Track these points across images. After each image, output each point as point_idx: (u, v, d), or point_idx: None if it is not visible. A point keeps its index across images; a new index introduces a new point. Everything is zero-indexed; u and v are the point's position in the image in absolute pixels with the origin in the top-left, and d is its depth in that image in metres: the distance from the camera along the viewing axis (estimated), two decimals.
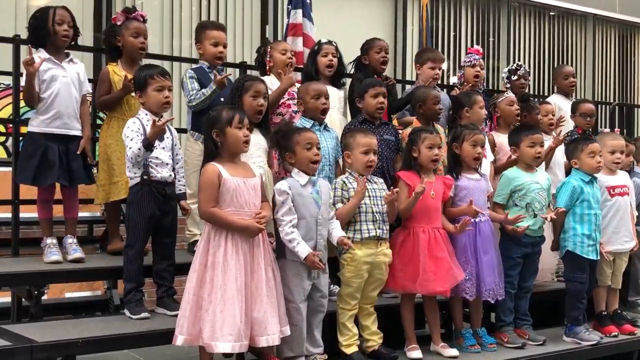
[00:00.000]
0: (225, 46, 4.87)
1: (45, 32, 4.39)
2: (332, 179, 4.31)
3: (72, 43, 4.55)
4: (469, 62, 5.89)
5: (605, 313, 5.11)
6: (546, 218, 4.69)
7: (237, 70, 6.00)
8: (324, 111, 4.53)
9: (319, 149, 3.93)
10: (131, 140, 3.99)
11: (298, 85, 4.89)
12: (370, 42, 5.41)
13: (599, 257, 4.90)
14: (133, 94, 4.45)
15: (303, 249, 3.75)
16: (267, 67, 4.90)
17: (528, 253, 4.72)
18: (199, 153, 4.65)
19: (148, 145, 3.96)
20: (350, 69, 5.45)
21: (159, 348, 4.37)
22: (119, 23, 4.68)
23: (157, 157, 4.07)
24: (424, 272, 4.17)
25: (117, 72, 4.66)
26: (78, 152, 4.44)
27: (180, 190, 4.25)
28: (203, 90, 4.60)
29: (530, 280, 4.81)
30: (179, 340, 3.59)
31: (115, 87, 4.64)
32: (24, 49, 4.48)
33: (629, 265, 5.41)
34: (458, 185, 4.50)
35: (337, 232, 3.95)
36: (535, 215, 4.67)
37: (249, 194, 3.66)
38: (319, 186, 3.93)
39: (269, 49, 4.96)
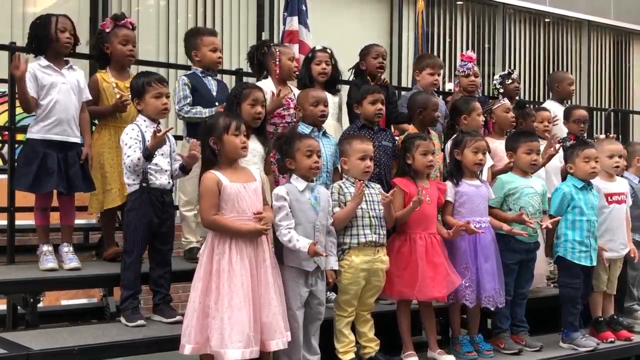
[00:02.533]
0: (221, 51, 4.88)
1: (47, 40, 4.37)
2: (329, 185, 4.30)
3: (70, 51, 4.54)
4: (462, 72, 5.92)
5: (602, 319, 5.11)
6: (542, 226, 4.69)
7: (233, 77, 6.00)
8: (323, 118, 4.54)
9: (319, 156, 3.93)
10: (129, 147, 3.98)
11: (296, 90, 4.90)
12: (369, 47, 5.44)
13: (594, 264, 4.89)
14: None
15: (303, 243, 3.73)
16: (277, 72, 4.87)
17: (523, 259, 4.72)
18: None
19: (148, 155, 3.95)
20: (349, 76, 5.47)
21: (156, 355, 4.35)
22: (107, 30, 4.67)
23: (156, 164, 4.06)
24: (423, 279, 4.17)
25: (106, 80, 4.66)
26: (82, 160, 4.41)
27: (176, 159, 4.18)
28: (201, 109, 4.59)
29: (527, 287, 4.81)
30: (187, 349, 3.55)
31: (104, 94, 4.65)
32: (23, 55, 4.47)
33: (624, 271, 5.42)
34: (458, 191, 4.50)
35: (332, 262, 3.95)
36: None
37: (250, 198, 3.66)
38: (318, 192, 3.93)
39: (277, 53, 4.91)
